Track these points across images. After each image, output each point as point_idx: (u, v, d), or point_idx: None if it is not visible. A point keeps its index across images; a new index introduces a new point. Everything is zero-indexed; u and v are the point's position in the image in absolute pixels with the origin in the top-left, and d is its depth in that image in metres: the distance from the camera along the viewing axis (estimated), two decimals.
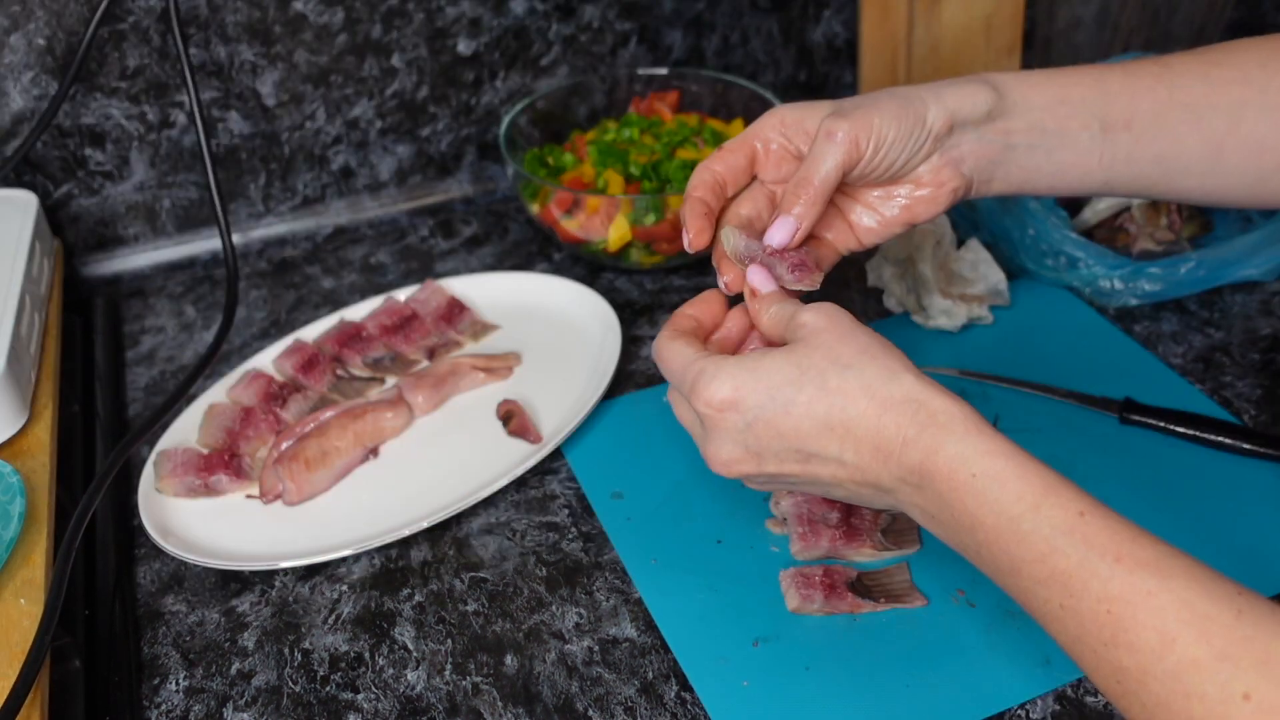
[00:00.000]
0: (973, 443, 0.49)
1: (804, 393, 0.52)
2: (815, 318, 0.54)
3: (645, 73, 1.03)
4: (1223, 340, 0.82)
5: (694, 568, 0.67)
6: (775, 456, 0.54)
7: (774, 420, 0.53)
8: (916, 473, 0.50)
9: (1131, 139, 0.61)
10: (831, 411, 0.52)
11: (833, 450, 0.52)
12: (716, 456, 0.55)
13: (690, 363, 0.55)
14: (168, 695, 0.62)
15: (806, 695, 0.60)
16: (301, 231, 1.01)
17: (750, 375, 0.53)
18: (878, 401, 0.51)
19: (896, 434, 0.51)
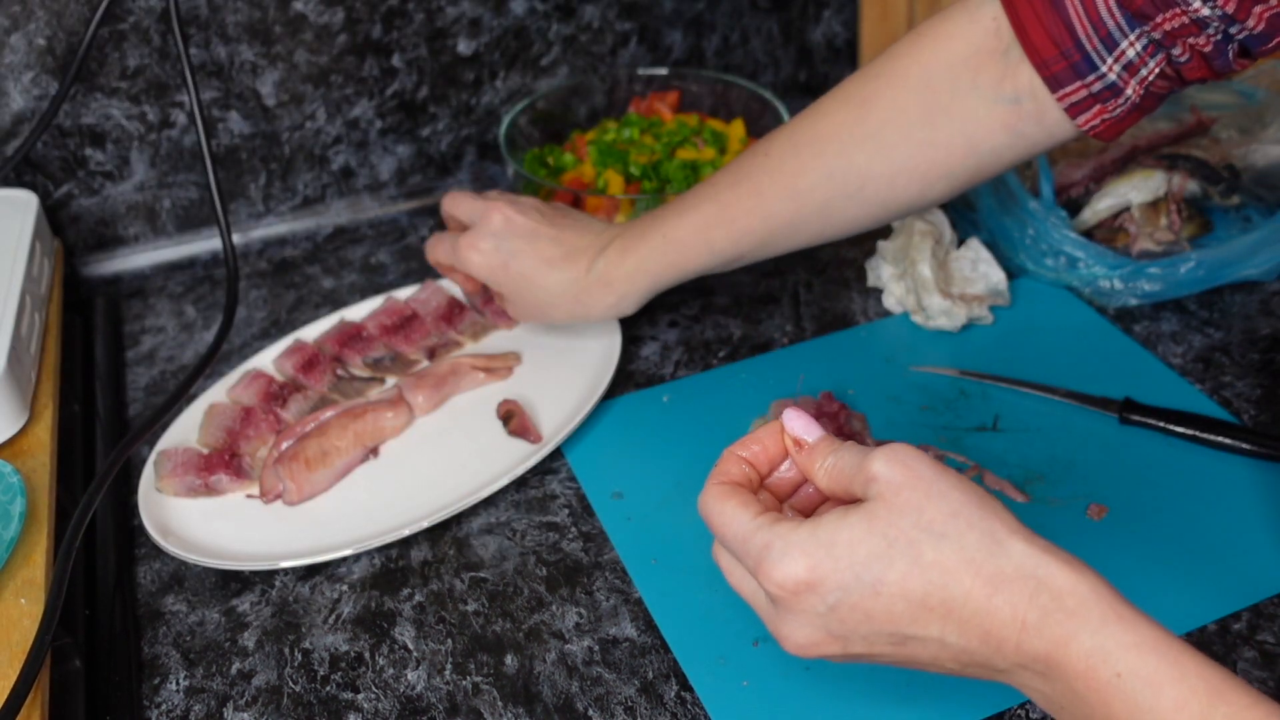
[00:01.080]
0: (1113, 633, 0.42)
1: (894, 569, 0.45)
2: (890, 470, 0.46)
3: (645, 73, 1.03)
4: (1222, 340, 0.82)
5: (694, 568, 0.67)
6: (864, 640, 0.46)
7: (860, 603, 0.45)
8: (1042, 662, 0.43)
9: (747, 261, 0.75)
10: (930, 590, 0.44)
11: (933, 632, 0.45)
12: (792, 639, 0.48)
13: (751, 534, 0.47)
14: (168, 695, 0.62)
15: (806, 695, 0.60)
16: (301, 231, 1.01)
17: (828, 553, 0.45)
18: (985, 578, 0.44)
19: (1012, 618, 0.43)
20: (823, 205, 0.70)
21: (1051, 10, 0.62)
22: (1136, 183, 0.89)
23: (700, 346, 0.86)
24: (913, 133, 0.68)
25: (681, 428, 0.78)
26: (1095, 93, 0.63)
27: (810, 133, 0.71)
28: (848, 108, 0.69)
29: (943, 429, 0.76)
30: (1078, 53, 0.62)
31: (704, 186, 0.74)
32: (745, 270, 0.93)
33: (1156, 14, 0.59)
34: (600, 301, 0.76)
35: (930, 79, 0.67)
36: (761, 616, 0.49)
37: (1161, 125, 0.96)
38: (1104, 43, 0.61)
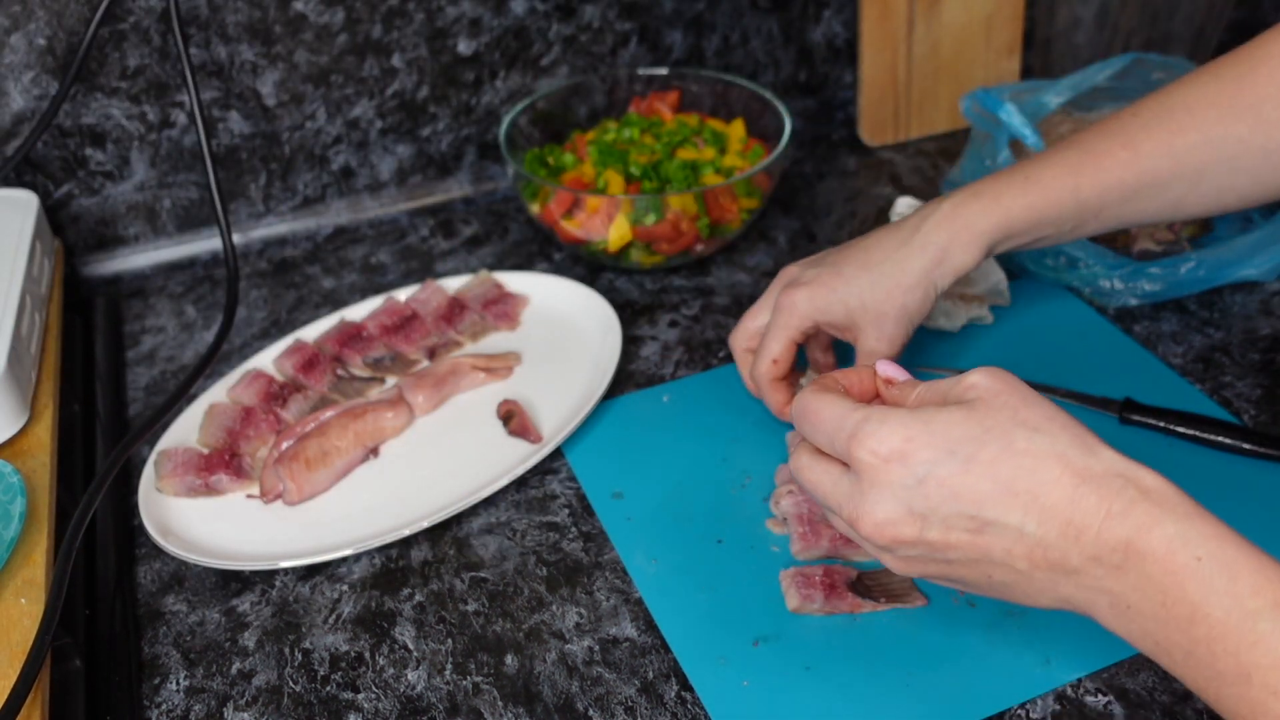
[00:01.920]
0: (1197, 524, 0.43)
1: (986, 450, 0.46)
2: (988, 379, 0.49)
3: (645, 73, 1.03)
4: (1223, 340, 0.82)
5: (694, 568, 0.67)
6: (943, 522, 0.48)
7: (949, 479, 0.47)
8: (1120, 551, 0.44)
9: (1099, 223, 0.69)
10: (1018, 474, 0.46)
11: (1014, 518, 0.46)
12: (871, 515, 0.49)
13: (849, 412, 0.50)
14: (168, 695, 0.62)
15: (806, 695, 0.60)
16: (302, 231, 1.01)
17: (925, 427, 0.47)
18: (1073, 471, 0.46)
19: (1098, 507, 0.45)
20: (1198, 170, 0.67)
21: None
22: None
23: (700, 346, 0.86)
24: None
25: (681, 428, 0.78)
26: None
27: (1182, 100, 0.67)
28: (1221, 82, 0.66)
29: None
30: None
31: (1064, 143, 0.70)
32: (745, 270, 0.93)
33: None
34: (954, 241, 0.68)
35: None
36: (838, 505, 0.51)
37: None
38: None
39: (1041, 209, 0.68)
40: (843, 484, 0.50)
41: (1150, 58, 0.98)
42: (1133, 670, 0.60)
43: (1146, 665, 0.60)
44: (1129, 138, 0.67)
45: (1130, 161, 0.67)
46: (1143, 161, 0.67)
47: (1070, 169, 0.68)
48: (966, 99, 0.94)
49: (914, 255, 0.68)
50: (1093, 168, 0.67)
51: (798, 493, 0.69)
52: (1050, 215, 0.68)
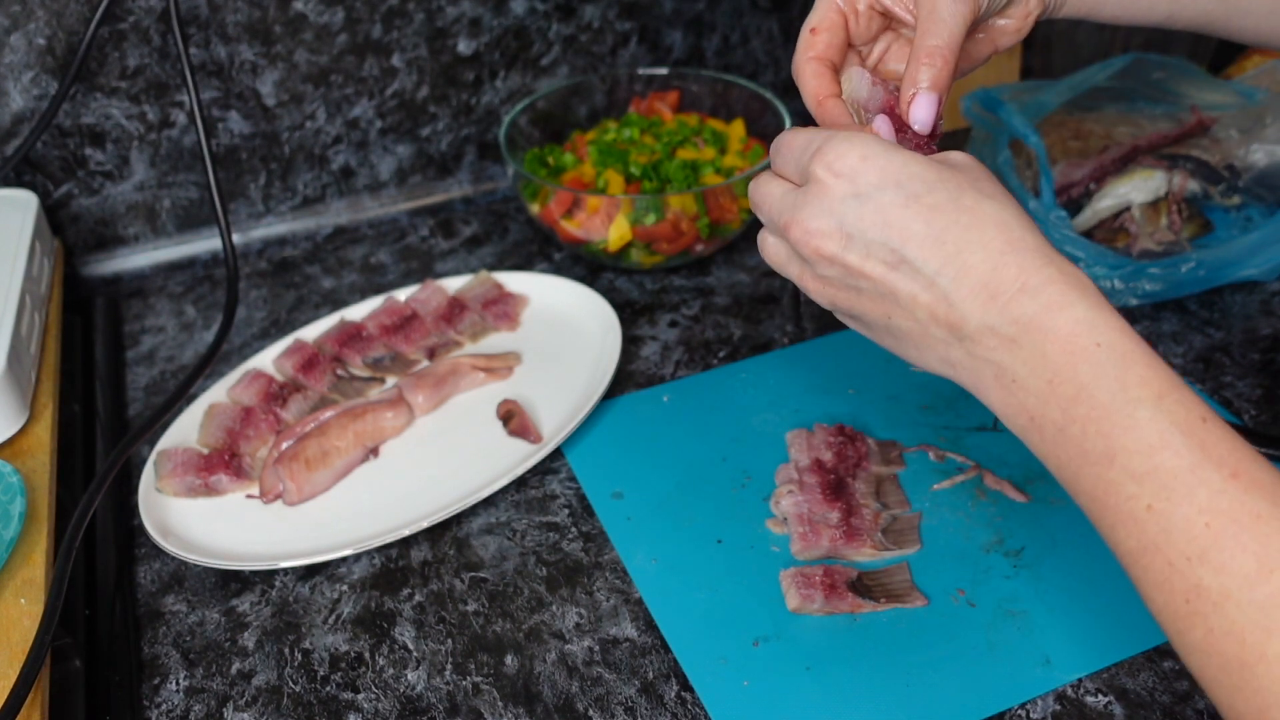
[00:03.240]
0: (1104, 314, 0.45)
1: (934, 194, 0.47)
2: (963, 157, 0.51)
3: (645, 73, 1.03)
4: (1223, 340, 0.82)
5: (694, 568, 0.67)
6: (865, 247, 0.48)
7: (887, 206, 0.48)
8: (1019, 324, 0.45)
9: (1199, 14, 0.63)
10: (952, 227, 0.47)
11: (932, 266, 0.47)
12: (803, 223, 0.50)
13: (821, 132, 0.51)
14: (168, 695, 0.62)
15: (806, 695, 0.60)
16: (301, 231, 1.01)
17: (884, 153, 0.48)
18: (1007, 239, 0.46)
19: (1016, 277, 0.46)
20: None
21: None
22: (1137, 183, 0.89)
23: (700, 346, 0.86)
24: None
25: (681, 428, 0.78)
26: None
27: None
28: None
29: (943, 428, 0.76)
30: None
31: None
32: (745, 270, 0.93)
33: None
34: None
35: None
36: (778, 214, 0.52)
37: (1162, 125, 0.96)
38: None
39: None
40: (788, 197, 0.51)
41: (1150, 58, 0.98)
42: (1133, 670, 0.60)
43: (1147, 665, 0.60)
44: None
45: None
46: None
47: None
48: (966, 99, 0.94)
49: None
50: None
51: (798, 492, 0.69)
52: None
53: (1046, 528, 0.68)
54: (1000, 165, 0.88)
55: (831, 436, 0.73)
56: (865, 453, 0.73)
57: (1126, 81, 0.99)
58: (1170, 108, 0.98)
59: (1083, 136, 0.97)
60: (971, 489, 0.71)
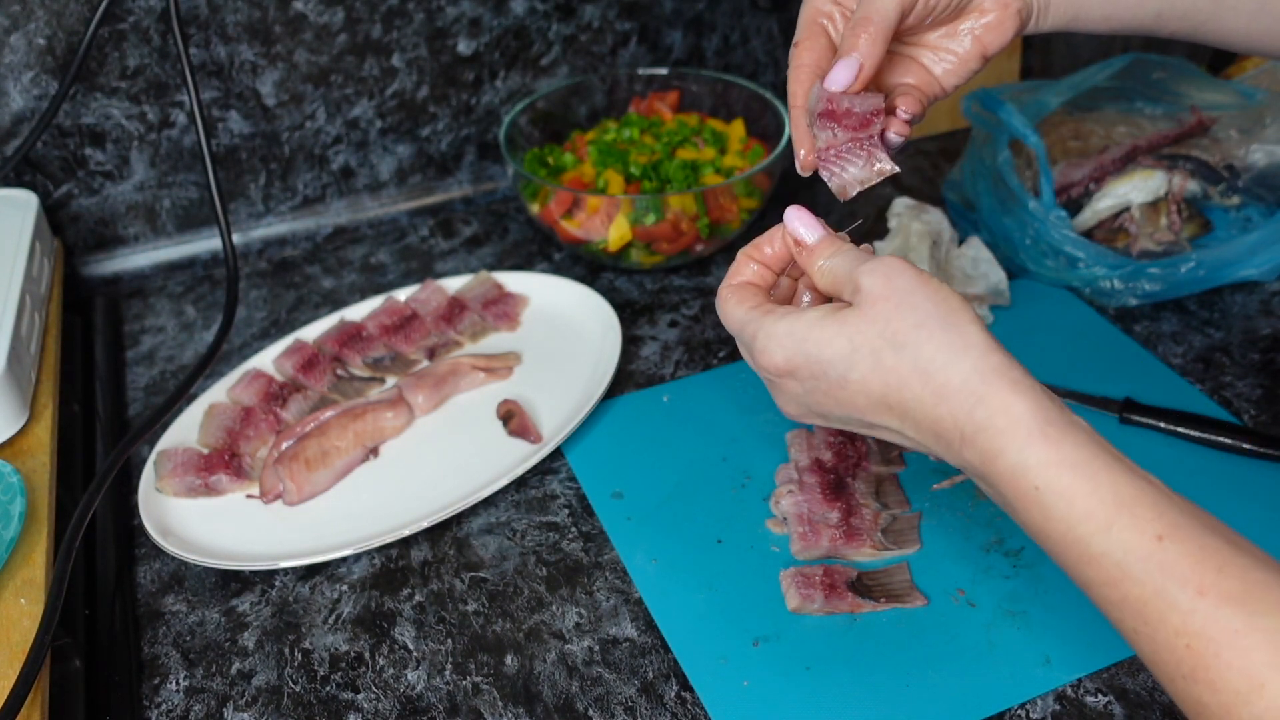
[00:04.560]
0: (1036, 452, 0.45)
1: (856, 370, 0.49)
2: (872, 281, 0.50)
3: (645, 73, 1.03)
4: (1223, 340, 0.82)
5: (694, 568, 0.67)
6: (839, 419, 0.53)
7: (830, 391, 0.51)
8: (976, 469, 0.47)
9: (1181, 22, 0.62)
10: (887, 392, 0.49)
11: (893, 424, 0.50)
12: (784, 409, 0.55)
13: (745, 323, 0.54)
14: (168, 695, 0.62)
15: (806, 695, 0.60)
16: (301, 231, 1.01)
17: (799, 347, 0.51)
18: (933, 389, 0.48)
19: (953, 427, 0.47)
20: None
21: None
22: (1137, 183, 0.89)
23: (700, 346, 0.86)
24: None
25: (681, 428, 0.78)
26: None
27: None
28: None
29: None
30: None
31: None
32: None
33: None
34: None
35: None
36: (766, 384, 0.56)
37: (1162, 125, 0.96)
38: None
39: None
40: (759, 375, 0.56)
41: (1150, 58, 0.98)
42: (1133, 670, 0.60)
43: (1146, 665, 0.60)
44: None
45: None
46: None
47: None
48: (966, 99, 0.94)
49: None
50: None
51: (798, 492, 0.69)
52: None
53: None
54: (1000, 165, 0.88)
55: (831, 436, 0.73)
56: (865, 452, 0.73)
57: (1126, 81, 0.99)
58: (1170, 108, 0.98)
59: (1082, 136, 0.97)
60: (971, 489, 0.71)
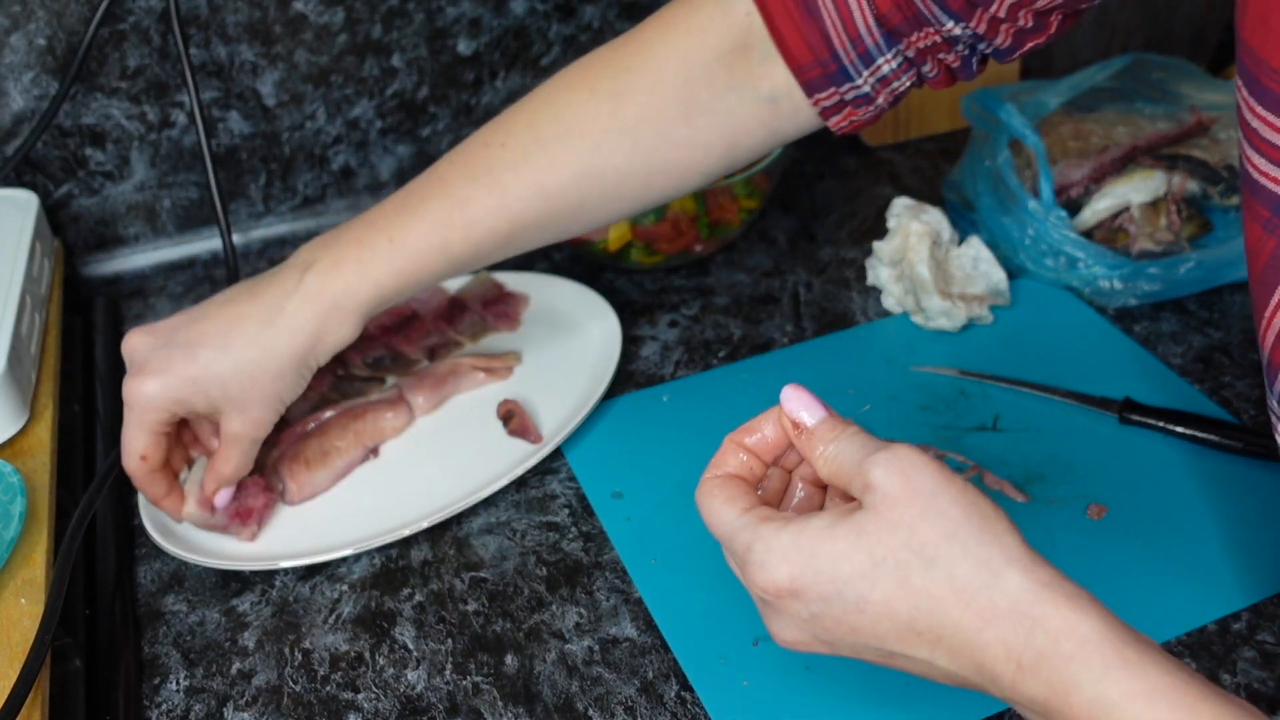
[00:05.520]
0: (1118, 681, 0.38)
1: (879, 589, 0.42)
2: (888, 480, 0.43)
3: None
4: (1222, 340, 0.82)
5: (694, 568, 0.67)
6: (850, 648, 0.45)
7: (844, 617, 0.43)
8: (1039, 704, 0.40)
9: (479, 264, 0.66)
10: (917, 616, 0.42)
11: (922, 654, 0.43)
12: (780, 636, 0.47)
13: (735, 533, 0.46)
14: (168, 695, 0.62)
15: (806, 695, 0.60)
16: (302, 231, 1.01)
17: (809, 563, 0.43)
18: (975, 611, 0.41)
19: (1006, 656, 0.40)
20: (576, 205, 0.65)
21: (808, 17, 0.60)
22: (1136, 183, 0.89)
23: (700, 346, 0.86)
24: (672, 132, 0.64)
25: (681, 428, 0.78)
26: (849, 100, 0.63)
27: (555, 125, 0.64)
28: (597, 100, 0.63)
29: (943, 428, 0.76)
30: (834, 64, 0.61)
31: (428, 183, 0.65)
32: (745, 270, 0.93)
33: (911, 32, 0.60)
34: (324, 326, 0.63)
35: (689, 76, 0.63)
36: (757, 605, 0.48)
37: (1161, 125, 0.96)
38: (861, 58, 0.61)
39: (412, 272, 0.64)
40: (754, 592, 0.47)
41: (1150, 58, 0.98)
42: None
43: None
44: (497, 180, 0.63)
45: (500, 209, 0.63)
46: (514, 206, 0.64)
47: (439, 225, 0.63)
48: (966, 99, 0.94)
49: (281, 340, 0.63)
50: (462, 221, 0.63)
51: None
52: (424, 276, 0.64)
53: (1046, 527, 0.68)
54: (1000, 165, 0.88)
55: None
56: None
57: (1126, 82, 0.99)
58: (1170, 108, 0.98)
59: (1082, 137, 0.97)
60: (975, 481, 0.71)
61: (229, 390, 0.63)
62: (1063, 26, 0.59)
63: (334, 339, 0.64)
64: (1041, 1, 0.56)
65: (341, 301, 0.63)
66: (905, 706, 0.59)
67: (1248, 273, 0.52)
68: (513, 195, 0.64)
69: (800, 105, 0.64)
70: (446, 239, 0.64)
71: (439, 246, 0.64)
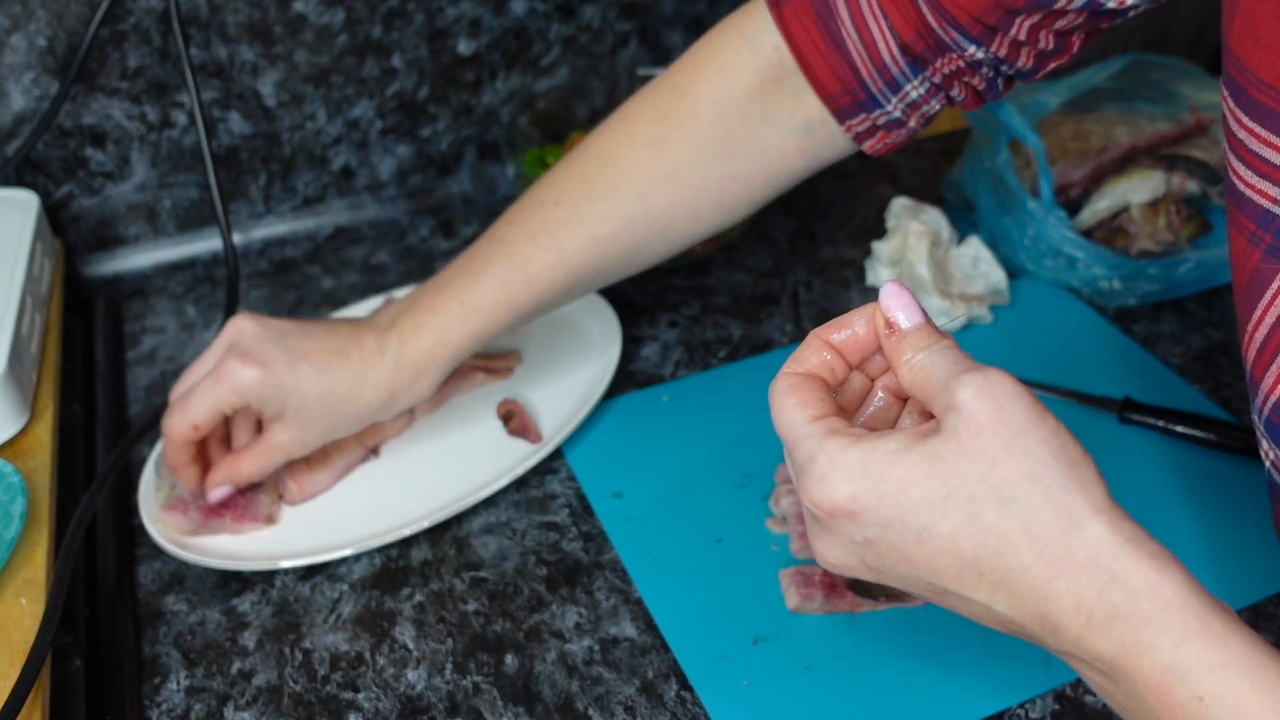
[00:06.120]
0: (1197, 649, 0.37)
1: (946, 521, 0.40)
2: (977, 405, 0.40)
3: (645, 73, 1.03)
4: (1222, 340, 0.82)
5: (694, 567, 0.67)
6: (900, 579, 0.43)
7: (902, 545, 0.41)
8: (1105, 662, 0.39)
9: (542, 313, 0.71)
10: (982, 554, 0.40)
11: (979, 595, 0.41)
12: (825, 556, 0.44)
13: (800, 440, 0.44)
14: (168, 695, 0.62)
15: (806, 695, 0.60)
16: (302, 231, 1.01)
17: (875, 484, 0.41)
18: (1049, 559, 0.39)
19: (1076, 608, 0.39)
20: (629, 249, 0.69)
21: (834, 48, 0.62)
22: (1136, 183, 0.89)
23: (700, 346, 0.86)
24: (712, 170, 0.67)
25: (681, 428, 0.78)
26: (880, 125, 0.65)
27: (602, 180, 0.68)
28: (638, 149, 0.67)
29: None
30: (863, 92, 0.63)
31: (491, 244, 0.69)
32: (745, 270, 0.93)
33: (935, 59, 0.60)
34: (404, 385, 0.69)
35: (723, 115, 0.66)
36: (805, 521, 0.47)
37: (1161, 126, 0.96)
38: (889, 86, 0.62)
39: (482, 331, 0.69)
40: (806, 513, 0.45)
41: (1149, 58, 0.98)
42: None
43: None
44: (553, 237, 0.67)
45: (558, 263, 0.68)
46: (570, 260, 0.68)
47: (504, 285, 0.68)
48: None
49: (367, 391, 0.68)
50: (524, 279, 0.68)
51: (797, 492, 0.69)
52: (493, 331, 0.69)
53: None
54: (1000, 165, 0.88)
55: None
56: None
57: (1125, 82, 0.99)
58: (1169, 108, 0.98)
59: (1082, 137, 0.97)
60: None
61: (305, 409, 0.67)
62: (1084, 45, 0.60)
63: (408, 398, 0.69)
64: (1060, 23, 0.57)
65: (423, 367, 0.68)
66: (905, 706, 0.59)
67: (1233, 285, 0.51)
68: (569, 249, 0.68)
69: (834, 132, 0.66)
70: (512, 297, 0.68)
71: (505, 304, 0.68)
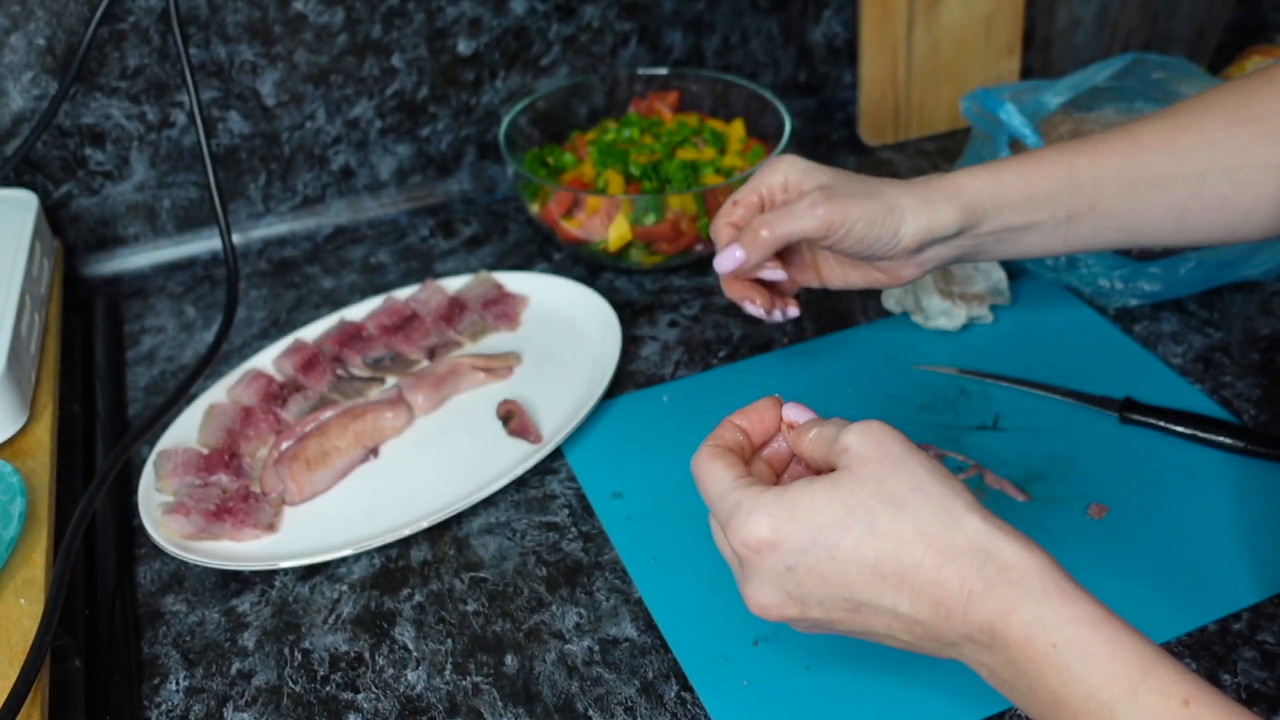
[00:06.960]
0: (1054, 606, 0.43)
1: (850, 535, 0.47)
2: (861, 442, 0.48)
3: (645, 73, 1.03)
4: (1222, 340, 0.82)
5: (694, 568, 0.67)
6: (820, 604, 0.48)
7: (817, 565, 0.47)
8: (985, 632, 0.45)
9: (1096, 219, 0.65)
10: (883, 558, 0.46)
11: (886, 600, 0.47)
12: (754, 599, 0.50)
13: (726, 493, 0.50)
14: (168, 695, 0.62)
15: (806, 695, 0.60)
16: (301, 231, 1.01)
17: (789, 514, 0.48)
18: (937, 550, 0.46)
19: (960, 587, 0.45)
20: (1199, 174, 0.64)
21: None
22: None
23: (700, 346, 0.86)
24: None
25: (681, 428, 0.78)
26: None
27: (1188, 106, 0.65)
28: (1230, 93, 0.64)
29: (943, 428, 0.76)
30: None
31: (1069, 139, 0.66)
32: None
33: None
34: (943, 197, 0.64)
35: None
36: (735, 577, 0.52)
37: None
38: None
39: (1034, 181, 0.65)
40: (734, 562, 0.51)
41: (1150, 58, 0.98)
42: None
43: None
44: (1129, 131, 0.65)
45: (1128, 152, 0.65)
46: (1142, 154, 0.65)
47: (1067, 151, 0.66)
48: (966, 99, 0.94)
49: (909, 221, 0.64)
50: (1089, 154, 0.65)
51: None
52: (1043, 190, 0.65)
53: (1046, 527, 0.68)
54: None
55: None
56: None
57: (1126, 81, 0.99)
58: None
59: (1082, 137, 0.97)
60: (971, 488, 0.71)
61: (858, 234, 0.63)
62: None
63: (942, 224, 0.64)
64: None
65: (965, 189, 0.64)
66: (905, 706, 0.59)
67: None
68: (1143, 144, 0.65)
69: None
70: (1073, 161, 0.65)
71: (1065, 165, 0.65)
